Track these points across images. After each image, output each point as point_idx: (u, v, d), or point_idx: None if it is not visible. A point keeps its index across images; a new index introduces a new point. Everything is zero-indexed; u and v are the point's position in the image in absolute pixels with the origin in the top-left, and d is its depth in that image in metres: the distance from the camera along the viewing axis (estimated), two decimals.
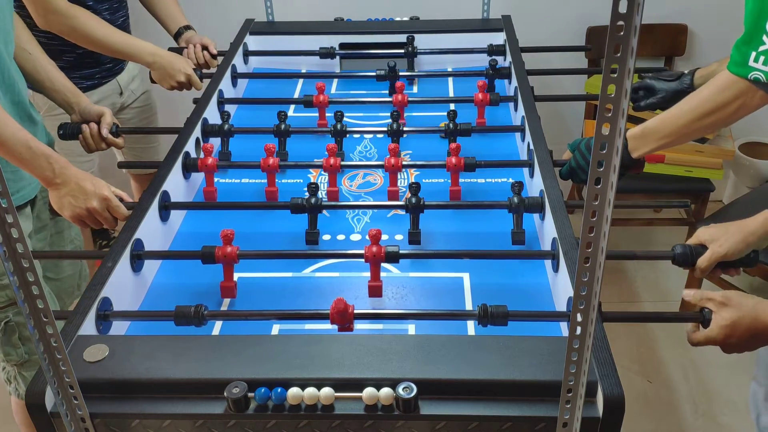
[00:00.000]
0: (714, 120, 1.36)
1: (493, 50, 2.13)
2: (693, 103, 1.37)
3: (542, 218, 1.46)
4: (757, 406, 1.63)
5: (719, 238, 1.29)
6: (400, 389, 0.98)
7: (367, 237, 1.34)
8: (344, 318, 1.16)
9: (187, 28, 2.20)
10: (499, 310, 1.16)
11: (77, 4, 1.83)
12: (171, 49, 2.10)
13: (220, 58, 2.16)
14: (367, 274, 1.33)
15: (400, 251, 1.35)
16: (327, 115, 1.89)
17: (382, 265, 1.39)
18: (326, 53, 2.16)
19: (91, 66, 2.05)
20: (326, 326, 1.20)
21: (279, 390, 0.99)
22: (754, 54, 1.23)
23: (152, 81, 2.03)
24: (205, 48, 2.16)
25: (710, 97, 1.34)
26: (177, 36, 2.19)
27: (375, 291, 1.32)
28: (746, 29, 1.26)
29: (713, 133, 2.45)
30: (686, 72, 1.81)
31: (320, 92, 1.88)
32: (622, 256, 1.48)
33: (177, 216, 1.57)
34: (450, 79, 2.14)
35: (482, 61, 2.14)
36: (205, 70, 2.10)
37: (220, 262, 1.31)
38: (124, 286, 1.29)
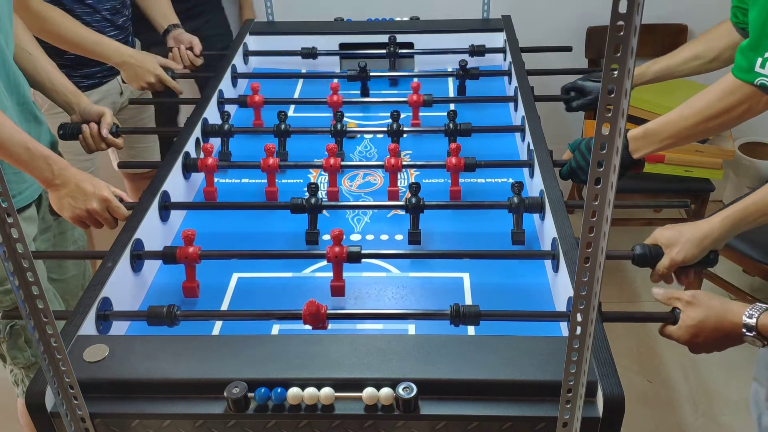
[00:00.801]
0: (718, 123, 1.35)
1: (474, 51, 2.13)
2: (697, 106, 1.36)
3: (542, 218, 1.46)
4: (759, 407, 1.63)
5: (676, 244, 1.29)
6: (400, 389, 0.98)
7: (329, 237, 1.33)
8: (317, 319, 1.16)
9: (176, 26, 2.16)
10: (471, 310, 1.17)
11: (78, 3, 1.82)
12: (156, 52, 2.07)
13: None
14: (368, 274, 1.33)
15: (397, 251, 1.35)
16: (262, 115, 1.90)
17: (383, 264, 1.40)
18: (308, 53, 2.16)
19: (92, 65, 2.04)
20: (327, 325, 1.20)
21: (279, 390, 0.99)
22: (760, 60, 1.23)
23: (123, 82, 2.02)
24: (190, 48, 2.13)
25: (715, 102, 1.33)
26: (165, 34, 2.16)
27: (337, 291, 1.31)
28: (751, 35, 1.25)
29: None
30: None
31: (255, 92, 1.89)
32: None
33: (177, 216, 1.57)
34: (450, 79, 2.14)
35: (482, 61, 2.14)
36: (204, 73, 2.10)
37: (181, 262, 1.31)
38: (124, 286, 1.29)
